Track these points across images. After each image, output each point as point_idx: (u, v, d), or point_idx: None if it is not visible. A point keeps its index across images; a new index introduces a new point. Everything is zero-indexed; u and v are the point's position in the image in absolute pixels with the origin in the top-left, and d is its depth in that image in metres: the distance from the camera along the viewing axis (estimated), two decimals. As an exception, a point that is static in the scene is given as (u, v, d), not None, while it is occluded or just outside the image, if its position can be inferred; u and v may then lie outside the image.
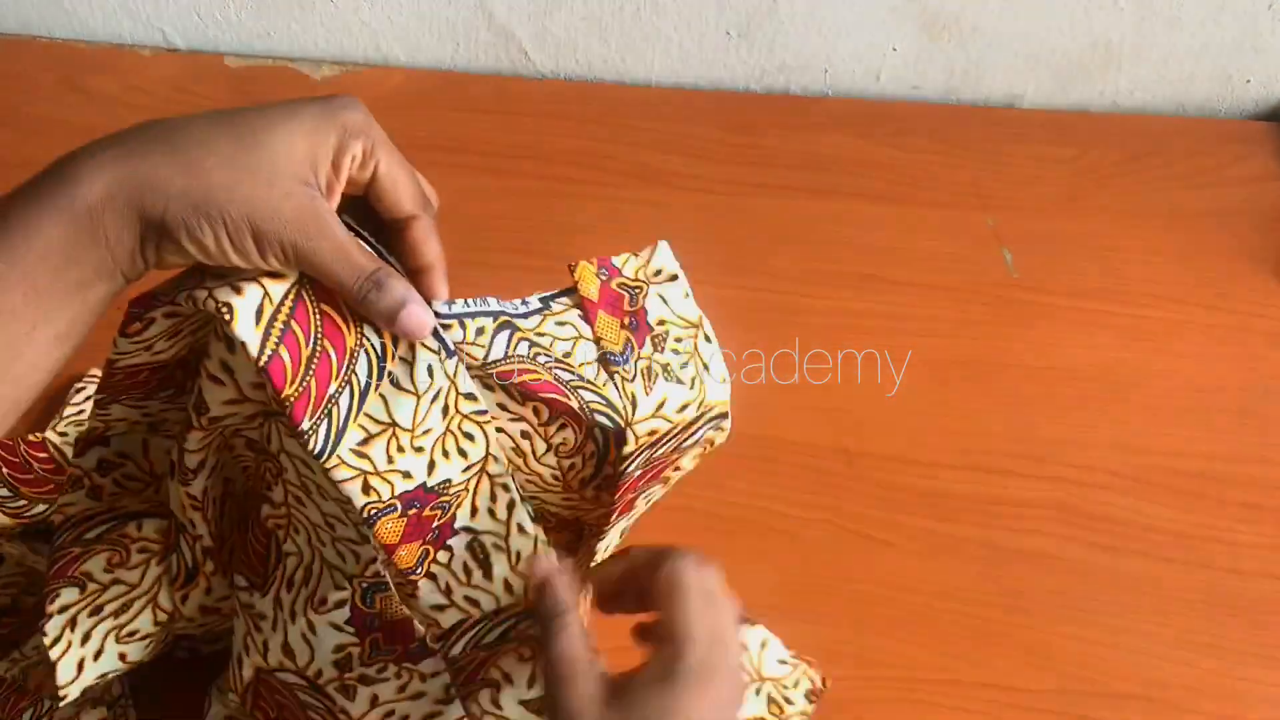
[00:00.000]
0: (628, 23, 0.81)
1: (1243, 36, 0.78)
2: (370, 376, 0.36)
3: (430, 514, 0.38)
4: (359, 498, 0.36)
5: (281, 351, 0.34)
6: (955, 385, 0.64)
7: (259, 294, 0.34)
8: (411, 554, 0.38)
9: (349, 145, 0.35)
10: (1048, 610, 0.55)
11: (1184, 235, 0.72)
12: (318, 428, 0.35)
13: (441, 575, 0.39)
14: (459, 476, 0.38)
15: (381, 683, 0.44)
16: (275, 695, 0.46)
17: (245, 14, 0.84)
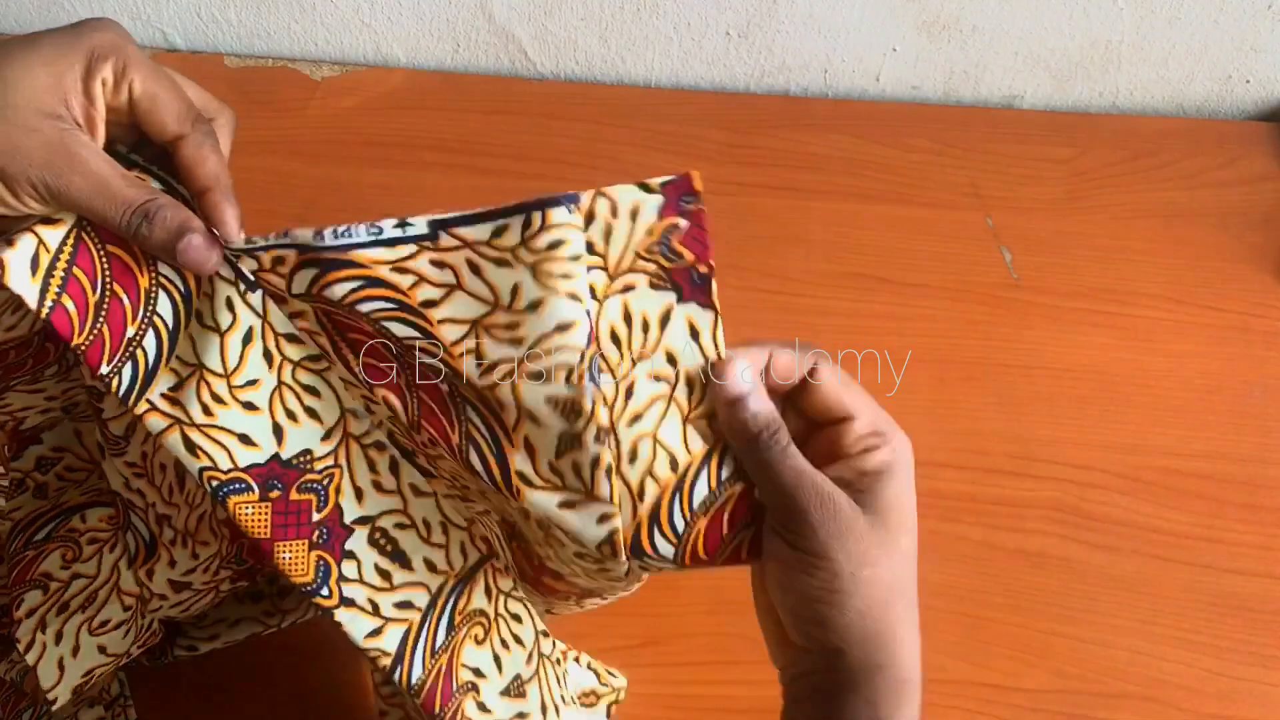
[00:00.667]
0: (628, 23, 0.81)
1: (1243, 36, 0.78)
2: (179, 316, 0.34)
3: (301, 499, 0.35)
4: (185, 457, 0.34)
5: (65, 301, 0.32)
6: (955, 385, 0.64)
7: (32, 243, 0.31)
8: (303, 563, 0.35)
9: (97, 68, 0.32)
10: (1048, 610, 0.55)
11: (1184, 235, 0.72)
12: (120, 370, 0.33)
13: (359, 593, 0.36)
14: (319, 446, 0.35)
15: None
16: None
17: (245, 14, 0.84)
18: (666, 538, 0.34)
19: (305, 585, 0.35)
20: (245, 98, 0.82)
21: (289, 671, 0.53)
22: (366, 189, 0.75)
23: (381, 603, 0.36)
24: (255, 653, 0.52)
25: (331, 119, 0.80)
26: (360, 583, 0.36)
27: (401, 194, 0.75)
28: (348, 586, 0.35)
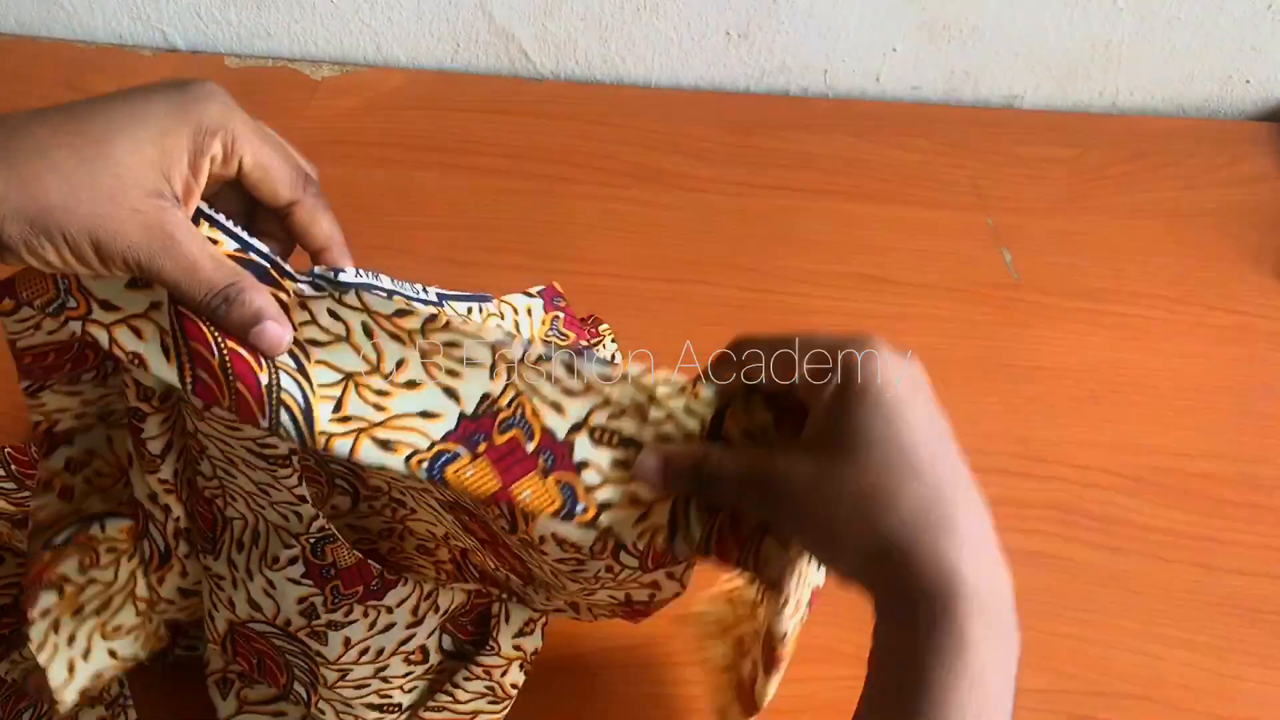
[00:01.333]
0: (628, 23, 0.81)
1: (1243, 36, 0.78)
2: (296, 356, 0.35)
3: (507, 437, 0.36)
4: (385, 458, 0.35)
5: (200, 374, 0.34)
6: (955, 385, 0.64)
7: (156, 334, 0.34)
8: (546, 493, 0.35)
9: (207, 145, 0.33)
10: (1048, 610, 0.55)
11: (1184, 235, 0.72)
12: (278, 418, 0.34)
13: (612, 492, 0.35)
14: (492, 387, 0.36)
15: (350, 625, 0.44)
16: (253, 643, 0.46)
17: (245, 14, 0.84)
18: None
19: (559, 512, 0.35)
20: (245, 98, 0.82)
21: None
22: (366, 189, 0.75)
23: (639, 492, 0.36)
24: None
25: (331, 119, 0.80)
26: (608, 482, 0.36)
27: (401, 194, 0.75)
28: (599, 492, 0.35)
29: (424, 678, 0.49)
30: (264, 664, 0.46)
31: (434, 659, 0.49)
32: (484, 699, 0.49)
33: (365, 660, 0.46)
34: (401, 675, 0.48)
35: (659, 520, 0.35)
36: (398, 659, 0.47)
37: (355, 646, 0.45)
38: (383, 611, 0.44)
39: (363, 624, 0.44)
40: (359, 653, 0.45)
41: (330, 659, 0.45)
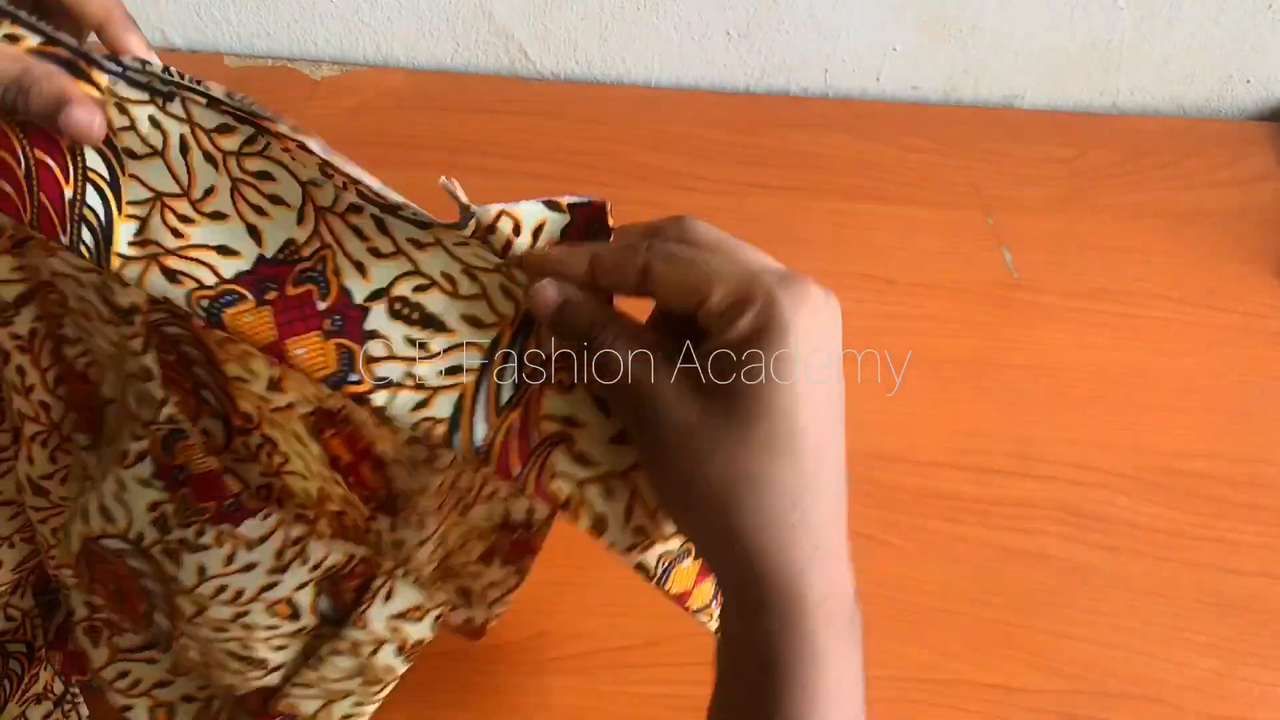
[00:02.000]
0: (628, 23, 0.81)
1: (1242, 36, 0.78)
2: (112, 164, 0.33)
3: (299, 291, 0.33)
4: (169, 288, 0.32)
5: (2, 186, 0.32)
6: (955, 385, 0.64)
7: None
8: (322, 355, 0.33)
9: None
10: (1048, 610, 0.55)
11: (1184, 235, 0.72)
12: (79, 235, 0.32)
13: (394, 370, 0.33)
14: (298, 232, 0.33)
15: (203, 550, 0.41)
16: (106, 565, 0.42)
17: (245, 14, 0.84)
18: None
19: (330, 377, 0.33)
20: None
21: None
22: (366, 189, 0.75)
23: (422, 374, 0.33)
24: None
25: (331, 119, 0.80)
26: (392, 359, 0.33)
27: (401, 194, 0.75)
28: (379, 366, 0.33)
29: (295, 637, 0.45)
30: (122, 591, 0.43)
31: (307, 620, 0.44)
32: (356, 679, 0.44)
33: (223, 600, 0.42)
34: (265, 627, 0.43)
35: (439, 412, 0.33)
36: (259, 606, 0.43)
37: (211, 579, 0.41)
38: (241, 547, 0.41)
39: (218, 554, 0.41)
40: (216, 588, 0.42)
41: (185, 586, 0.41)
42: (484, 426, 0.33)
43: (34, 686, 0.49)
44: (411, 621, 0.45)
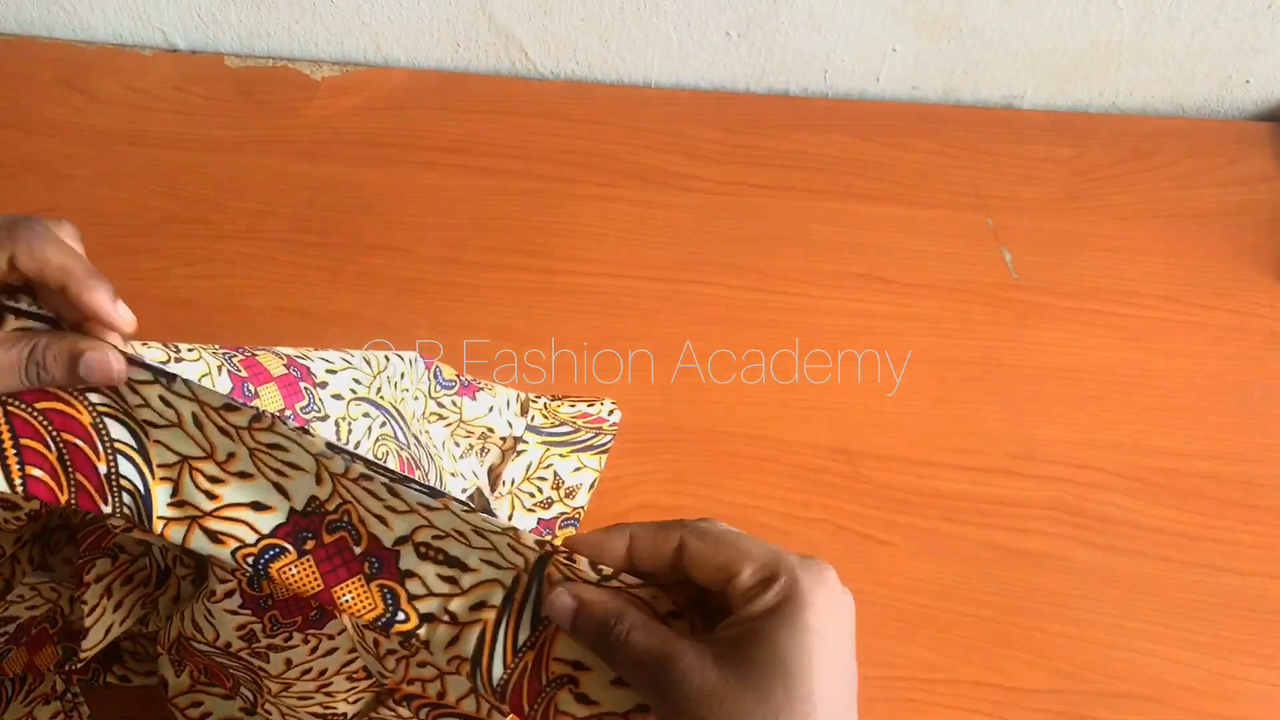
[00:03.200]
0: (628, 23, 0.81)
1: (1242, 36, 0.78)
2: (136, 433, 0.35)
3: (335, 538, 0.35)
4: (213, 549, 0.34)
5: (31, 471, 0.33)
6: (955, 385, 0.64)
7: None
8: (368, 598, 0.35)
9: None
10: (1048, 610, 0.55)
11: (1184, 235, 0.72)
12: (120, 501, 0.34)
13: (434, 606, 0.35)
14: (319, 490, 0.35)
15: (291, 649, 0.44)
16: (195, 658, 0.46)
17: (245, 14, 0.84)
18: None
19: (379, 619, 0.34)
20: (245, 98, 0.82)
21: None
22: (366, 189, 0.75)
23: (456, 609, 0.35)
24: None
25: (331, 119, 0.80)
26: (430, 596, 0.35)
27: (401, 194, 0.75)
28: (421, 603, 0.35)
29: (369, 690, 0.48)
30: (211, 670, 0.47)
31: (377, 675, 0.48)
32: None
33: (308, 678, 0.45)
34: (345, 690, 0.47)
35: (464, 650, 0.35)
36: (341, 677, 0.46)
37: (297, 666, 0.45)
38: (324, 639, 0.44)
39: (304, 649, 0.44)
40: (301, 671, 0.45)
41: (272, 673, 0.44)
42: (500, 668, 0.34)
43: (40, 686, 0.50)
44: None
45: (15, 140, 0.79)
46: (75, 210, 0.74)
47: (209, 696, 0.49)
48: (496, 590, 0.35)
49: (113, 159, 0.77)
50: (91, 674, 0.52)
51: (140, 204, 0.74)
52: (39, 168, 0.77)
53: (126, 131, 0.79)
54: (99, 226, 0.73)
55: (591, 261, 0.71)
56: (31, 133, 0.79)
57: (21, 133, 0.79)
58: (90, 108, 0.81)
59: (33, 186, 0.76)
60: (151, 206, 0.74)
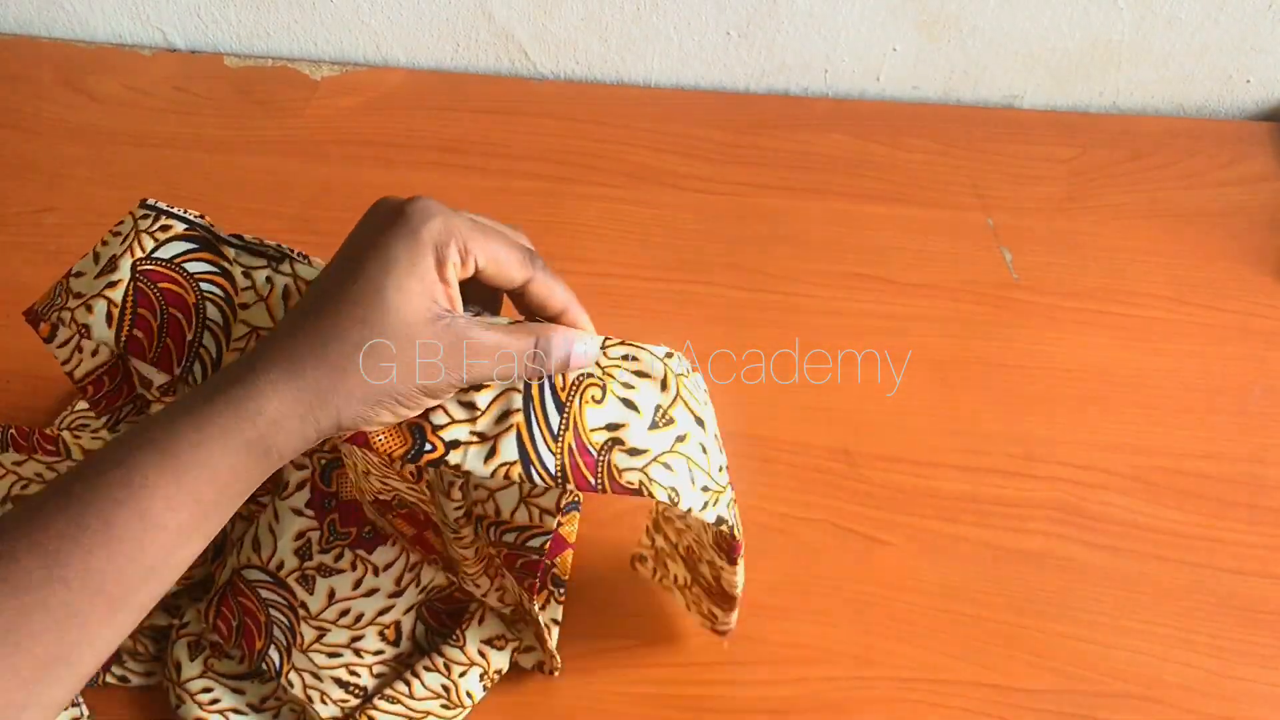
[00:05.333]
0: (628, 23, 0.81)
1: (1243, 36, 0.78)
2: (226, 314, 0.41)
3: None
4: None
5: (135, 333, 0.40)
6: (955, 385, 0.64)
7: (104, 306, 0.40)
8: (397, 434, 0.38)
9: (445, 256, 0.36)
10: (1048, 610, 0.55)
11: (1184, 235, 0.72)
12: (190, 368, 0.41)
13: (460, 432, 0.38)
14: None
15: (339, 574, 0.48)
16: (239, 598, 0.49)
17: (245, 14, 0.84)
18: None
19: (408, 453, 0.38)
20: (245, 98, 0.82)
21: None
22: (366, 189, 0.75)
23: (481, 428, 0.38)
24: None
25: (331, 119, 0.80)
26: (454, 423, 0.38)
27: (401, 194, 0.75)
28: (445, 431, 0.38)
29: (392, 663, 0.50)
30: (244, 627, 0.48)
31: (405, 645, 0.51)
32: (438, 700, 0.49)
33: (344, 623, 0.49)
34: (374, 652, 0.50)
35: (507, 456, 0.38)
36: (373, 631, 0.49)
37: (337, 603, 0.48)
38: (369, 571, 0.47)
39: (349, 577, 0.47)
40: (339, 612, 0.48)
41: (312, 611, 0.48)
42: (550, 457, 0.38)
43: None
44: (496, 649, 0.51)
45: (15, 140, 0.79)
46: (75, 210, 0.74)
47: (219, 684, 0.50)
48: (514, 395, 0.38)
49: (113, 159, 0.78)
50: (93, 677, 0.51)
51: (140, 204, 0.74)
52: (38, 167, 0.77)
53: (126, 131, 0.79)
54: (99, 226, 0.72)
55: (591, 261, 0.71)
56: (31, 132, 0.79)
57: (21, 132, 0.79)
58: (90, 107, 0.81)
59: (32, 186, 0.76)
60: (151, 206, 0.74)
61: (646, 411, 0.39)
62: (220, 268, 0.41)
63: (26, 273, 0.70)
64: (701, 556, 0.46)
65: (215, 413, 0.34)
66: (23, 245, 0.72)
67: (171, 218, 0.42)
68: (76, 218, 0.73)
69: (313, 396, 0.35)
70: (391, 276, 0.36)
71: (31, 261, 0.71)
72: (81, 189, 0.75)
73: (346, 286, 0.36)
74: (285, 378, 0.35)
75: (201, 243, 0.42)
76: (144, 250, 0.41)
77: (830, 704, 0.52)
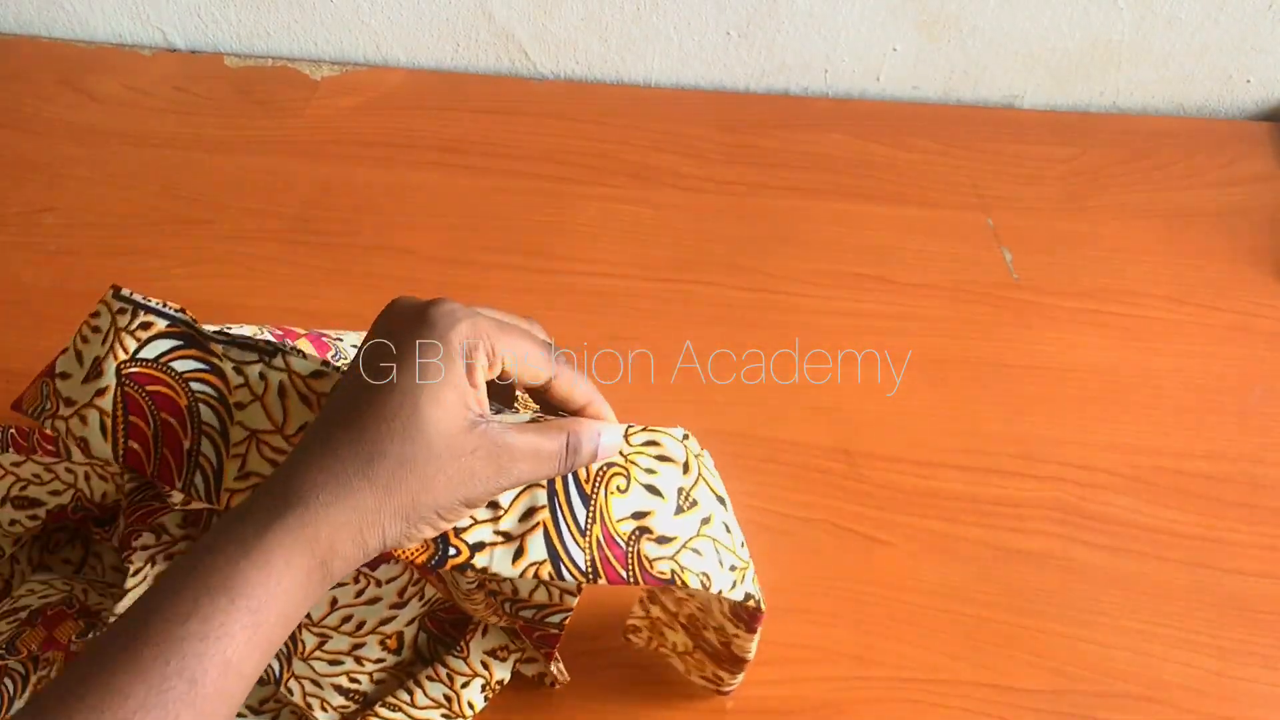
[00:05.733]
0: (628, 23, 0.81)
1: (1243, 36, 0.78)
2: (222, 417, 0.40)
3: None
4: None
5: (132, 445, 0.39)
6: (955, 385, 0.64)
7: (96, 417, 0.39)
8: (417, 546, 0.38)
9: (475, 359, 0.36)
10: (1048, 610, 0.55)
11: (1184, 235, 0.72)
12: (192, 479, 0.39)
13: (483, 533, 0.38)
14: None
15: (340, 586, 0.47)
16: None
17: (245, 14, 0.84)
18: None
19: (431, 559, 0.37)
20: (245, 98, 0.82)
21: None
22: (366, 189, 0.75)
23: (507, 527, 0.38)
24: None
25: (331, 119, 0.80)
26: (476, 524, 0.38)
27: (401, 194, 0.75)
28: (468, 534, 0.38)
29: (393, 671, 0.50)
30: None
31: (406, 654, 0.50)
32: (439, 709, 0.49)
33: (345, 629, 0.48)
34: (374, 660, 0.49)
35: (536, 555, 0.37)
36: (374, 640, 0.49)
37: (339, 610, 0.47)
38: (372, 583, 0.47)
39: (351, 588, 0.47)
40: (341, 618, 0.48)
41: (314, 619, 0.47)
42: (580, 553, 0.38)
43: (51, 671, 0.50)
44: (499, 660, 0.51)
45: (15, 140, 0.79)
46: (75, 210, 0.74)
47: None
48: (539, 491, 0.38)
49: (112, 159, 0.77)
50: None
51: (140, 204, 0.74)
52: (39, 168, 0.77)
53: (126, 131, 0.79)
54: (99, 226, 0.73)
55: (591, 261, 0.71)
56: (31, 132, 0.79)
57: (21, 132, 0.79)
58: (90, 107, 0.81)
59: (32, 186, 0.76)
60: (151, 206, 0.74)
61: (670, 496, 0.40)
62: (210, 364, 0.40)
63: (26, 273, 0.70)
64: (707, 624, 0.46)
65: (276, 543, 0.33)
66: (23, 245, 0.72)
67: (150, 313, 0.40)
68: (76, 218, 0.73)
69: (362, 517, 0.34)
70: (427, 389, 0.35)
71: (31, 261, 0.71)
72: (81, 189, 0.75)
73: (380, 400, 0.35)
74: (335, 500, 0.34)
75: (186, 339, 0.40)
76: (127, 352, 0.40)
77: (830, 704, 0.52)
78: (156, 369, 0.40)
